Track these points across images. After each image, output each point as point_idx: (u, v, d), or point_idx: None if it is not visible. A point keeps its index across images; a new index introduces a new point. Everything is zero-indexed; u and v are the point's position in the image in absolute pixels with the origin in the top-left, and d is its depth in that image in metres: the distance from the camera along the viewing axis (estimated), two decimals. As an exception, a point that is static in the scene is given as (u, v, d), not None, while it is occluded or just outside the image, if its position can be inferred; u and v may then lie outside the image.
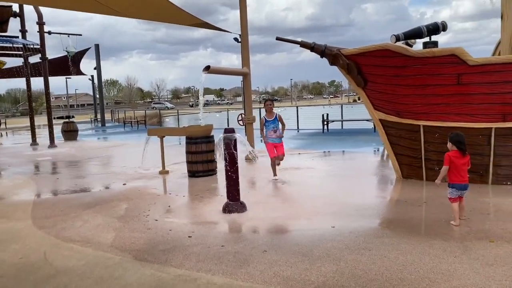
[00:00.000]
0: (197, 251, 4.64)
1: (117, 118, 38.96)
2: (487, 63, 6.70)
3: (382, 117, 8.03)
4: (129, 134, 24.49)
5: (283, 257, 4.32)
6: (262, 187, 8.04)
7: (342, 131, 19.44)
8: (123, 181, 9.16)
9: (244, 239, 4.98)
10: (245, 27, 11.09)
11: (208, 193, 7.67)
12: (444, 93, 7.10)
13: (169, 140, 16.00)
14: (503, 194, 6.57)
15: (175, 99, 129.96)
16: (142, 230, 5.57)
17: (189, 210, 6.55)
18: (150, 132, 10.28)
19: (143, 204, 6.98)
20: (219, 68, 10.39)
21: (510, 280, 3.59)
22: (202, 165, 9.12)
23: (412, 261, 4.09)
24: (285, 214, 5.99)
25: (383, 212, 6.07)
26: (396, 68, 7.26)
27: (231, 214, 6.02)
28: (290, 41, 8.04)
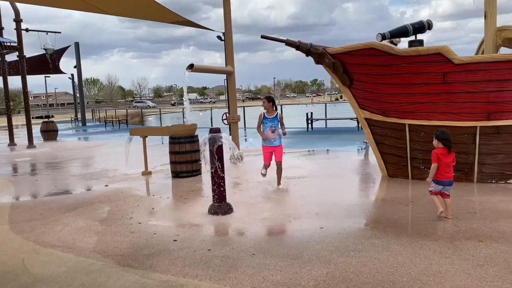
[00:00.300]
0: (183, 255, 4.50)
1: (98, 117, 38.31)
2: (472, 61, 6.71)
3: (367, 116, 8.00)
4: (111, 133, 24.07)
5: (272, 261, 4.22)
6: (248, 187, 7.92)
7: (326, 130, 19.45)
8: (105, 183, 8.93)
9: (231, 242, 4.86)
10: (229, 24, 10.94)
11: (192, 194, 7.52)
12: (429, 92, 7.10)
13: (152, 139, 15.76)
14: (488, 193, 6.59)
15: (157, 98, 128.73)
16: (125, 233, 5.40)
17: (174, 212, 6.39)
18: (132, 132, 10.06)
19: (126, 207, 6.79)
20: (203, 67, 10.22)
21: (502, 281, 3.55)
22: (186, 166, 8.96)
23: (403, 262, 4.03)
24: (272, 215, 5.89)
25: (370, 211, 6.03)
26: (382, 67, 7.23)
27: (217, 216, 5.88)
28: (275, 39, 7.94)
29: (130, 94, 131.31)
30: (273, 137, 7.27)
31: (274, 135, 7.25)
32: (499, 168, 7.04)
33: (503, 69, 6.59)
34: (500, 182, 7.06)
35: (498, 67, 6.59)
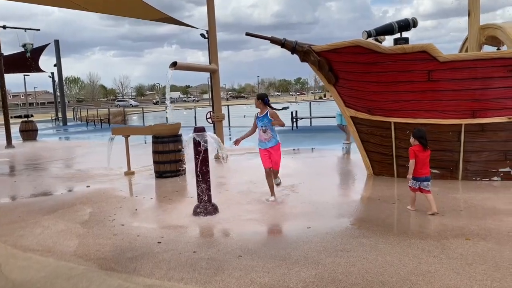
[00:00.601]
0: (167, 258, 4.38)
1: (80, 116, 37.68)
2: (457, 59, 6.73)
3: (353, 114, 7.97)
4: (92, 133, 23.67)
5: (260, 262, 4.13)
6: (233, 187, 7.81)
7: (311, 128, 19.45)
8: (87, 183, 8.72)
9: (217, 243, 4.75)
10: (212, 21, 10.80)
11: (177, 194, 7.38)
12: (414, 90, 7.10)
13: (135, 139, 15.53)
14: (473, 190, 6.62)
15: (140, 97, 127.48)
16: (107, 236, 5.24)
17: (158, 214, 6.25)
18: (115, 131, 9.85)
19: (108, 208, 6.62)
20: (187, 64, 10.07)
21: (491, 280, 3.53)
22: (170, 165, 8.80)
23: (391, 262, 3.98)
24: (259, 215, 5.80)
25: (357, 210, 5.98)
26: (367, 65, 7.20)
27: (202, 217, 5.77)
28: (260, 36, 7.84)
29: (112, 93, 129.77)
30: (265, 137, 6.39)
31: (266, 135, 6.37)
32: (484, 166, 7.08)
33: (488, 67, 6.62)
34: (484, 179, 7.10)
35: (483, 65, 6.62)
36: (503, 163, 6.99)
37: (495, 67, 6.63)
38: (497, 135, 6.90)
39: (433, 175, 7.36)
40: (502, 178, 7.03)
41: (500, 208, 5.61)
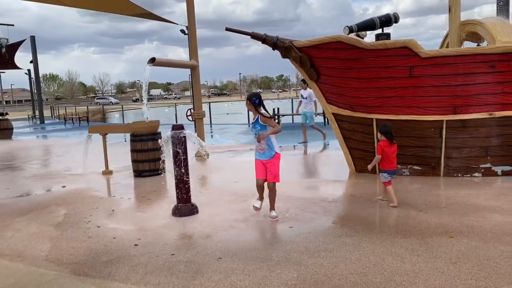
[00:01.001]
0: (144, 262, 4.20)
1: (58, 114, 36.86)
2: (438, 55, 6.69)
3: (335, 111, 7.88)
4: (70, 131, 23.14)
5: (240, 265, 3.99)
6: (214, 186, 7.65)
7: (293, 125, 19.36)
8: (63, 183, 8.44)
9: (196, 245, 4.59)
10: (192, 17, 10.59)
11: (155, 194, 7.18)
12: (396, 86, 7.04)
13: (115, 137, 15.18)
14: (455, 186, 6.60)
15: (120, 94, 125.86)
16: (82, 239, 5.03)
17: (135, 214, 6.04)
18: (92, 130, 9.57)
19: (84, 209, 6.38)
20: (166, 61, 9.84)
21: (476, 279, 3.46)
22: (149, 164, 8.58)
23: (375, 262, 3.89)
24: (239, 215, 5.65)
25: (340, 209, 5.89)
26: (349, 61, 7.11)
27: (181, 218, 5.59)
28: (240, 32, 7.67)
29: (92, 90, 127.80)
30: (259, 148, 5.30)
31: (260, 145, 5.27)
32: (465, 162, 7.07)
33: (469, 63, 6.60)
34: (466, 175, 7.10)
35: (464, 61, 6.60)
36: (484, 159, 7.00)
37: (476, 63, 6.61)
38: (478, 131, 6.90)
39: (415, 171, 7.40)
40: (483, 174, 7.03)
41: (482, 204, 5.58)
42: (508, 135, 6.86)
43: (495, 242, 4.23)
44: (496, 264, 3.72)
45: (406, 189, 6.63)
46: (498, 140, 6.91)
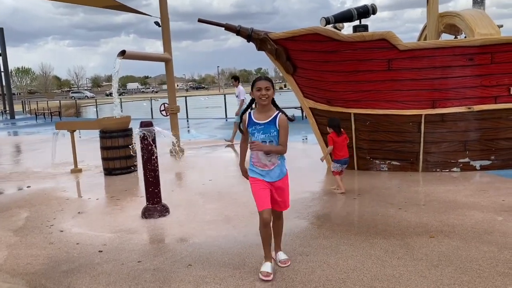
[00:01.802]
0: (108, 270, 3.90)
1: (29, 109, 35.73)
2: (417, 48, 6.53)
3: (312, 105, 7.66)
4: (41, 127, 22.36)
5: (211, 272, 3.72)
6: (187, 185, 7.36)
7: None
8: (28, 183, 8.00)
9: (165, 251, 4.30)
10: (164, 8, 10.20)
11: (126, 194, 6.84)
12: (374, 80, 6.86)
13: (88, 133, 14.68)
14: (434, 182, 6.47)
15: (96, 88, 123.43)
16: (42, 245, 4.68)
17: (103, 217, 5.70)
18: (59, 126, 9.13)
19: (48, 211, 6.01)
20: (137, 53, 9.44)
21: (459, 284, 3.28)
22: (120, 162, 8.21)
23: (354, 266, 3.68)
24: (213, 216, 5.38)
25: (317, 207, 5.67)
26: (326, 54, 6.89)
27: (151, 220, 5.29)
28: (214, 23, 7.35)
29: (66, 84, 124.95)
30: (264, 163, 3.57)
31: (268, 159, 3.56)
32: (444, 157, 6.96)
33: (448, 56, 6.46)
34: (444, 170, 6.99)
35: (442, 54, 6.46)
36: (462, 153, 6.90)
37: (455, 56, 6.48)
38: (457, 125, 6.78)
39: (393, 167, 7.25)
40: (462, 169, 6.93)
41: (461, 201, 5.45)
42: (486, 129, 6.77)
43: (476, 242, 4.08)
44: (479, 267, 3.56)
45: (385, 185, 6.47)
46: (477, 134, 6.81)
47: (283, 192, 3.70)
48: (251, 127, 3.55)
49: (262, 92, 3.45)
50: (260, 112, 3.56)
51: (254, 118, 3.56)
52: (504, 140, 6.83)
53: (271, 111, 3.54)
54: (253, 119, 3.56)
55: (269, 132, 3.50)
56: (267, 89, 3.46)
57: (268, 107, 3.52)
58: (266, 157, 3.56)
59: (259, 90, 3.47)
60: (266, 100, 3.47)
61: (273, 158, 3.58)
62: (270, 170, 3.58)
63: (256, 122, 3.53)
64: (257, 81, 3.53)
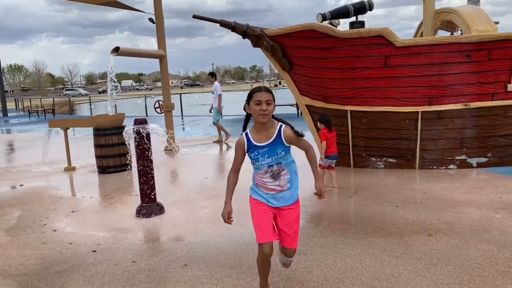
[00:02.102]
0: (102, 271, 3.82)
1: (22, 106, 35.43)
2: (414, 44, 6.49)
3: (308, 103, 7.60)
4: (35, 124, 22.17)
5: (207, 272, 3.66)
6: (182, 183, 7.28)
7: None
8: (21, 181, 7.89)
9: (160, 250, 4.23)
10: (159, 4, 10.09)
11: (120, 192, 6.75)
12: (371, 77, 6.81)
13: (81, 130, 14.54)
14: (431, 179, 6.43)
15: (90, 85, 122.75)
16: (35, 245, 4.59)
17: (96, 216, 5.61)
18: (52, 124, 9.02)
19: (40, 210, 5.92)
20: (130, 50, 9.34)
21: (459, 283, 3.24)
22: (114, 160, 8.11)
23: (352, 266, 3.63)
24: (209, 215, 5.30)
25: (314, 205, 5.61)
26: (323, 50, 6.83)
27: (145, 219, 5.21)
28: (208, 19, 7.28)
29: (60, 81, 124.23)
30: (273, 186, 3.01)
31: (277, 182, 3.00)
32: (440, 154, 6.93)
33: (445, 52, 6.42)
34: (441, 167, 6.96)
35: (439, 50, 6.42)
36: (459, 150, 6.87)
37: (452, 52, 6.44)
38: (453, 122, 6.75)
39: (389, 164, 7.21)
40: (458, 166, 6.91)
41: (458, 198, 5.42)
42: (483, 126, 6.75)
43: (475, 241, 4.04)
44: (479, 266, 3.52)
45: (382, 182, 6.43)
46: (474, 131, 6.79)
47: (292, 223, 3.02)
48: (253, 152, 2.92)
49: (262, 106, 2.80)
50: (259, 132, 2.90)
51: (253, 140, 2.91)
52: (501, 137, 6.81)
53: (272, 128, 2.90)
54: (253, 142, 2.91)
55: (276, 153, 2.90)
56: (268, 103, 2.82)
57: (268, 124, 2.88)
58: (275, 181, 2.96)
59: (259, 104, 2.81)
60: (266, 117, 2.82)
61: (283, 181, 2.98)
62: (278, 195, 2.99)
63: (257, 145, 2.90)
64: (256, 92, 2.87)
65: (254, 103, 2.84)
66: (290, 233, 3.03)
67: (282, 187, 2.99)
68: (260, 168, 2.96)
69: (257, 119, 2.86)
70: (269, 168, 2.93)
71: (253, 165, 3.01)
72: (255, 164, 2.99)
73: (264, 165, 2.92)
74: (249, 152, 2.96)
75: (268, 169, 2.94)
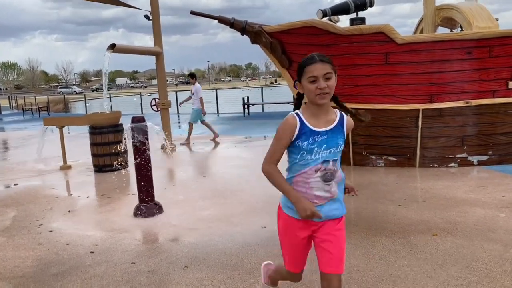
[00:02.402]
0: (100, 273, 3.72)
1: (16, 104, 35.12)
2: (415, 41, 6.42)
3: (307, 101, 7.50)
4: (29, 122, 21.95)
5: (209, 274, 3.57)
6: (180, 182, 7.17)
7: (263, 115, 19.01)
8: (15, 181, 7.76)
9: (159, 251, 4.14)
10: (155, 1, 9.96)
11: (117, 192, 6.64)
12: (372, 74, 6.74)
13: (77, 128, 14.39)
14: (432, 178, 6.37)
15: (84, 83, 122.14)
16: (31, 246, 4.48)
17: (93, 216, 5.51)
18: (47, 122, 8.88)
19: (36, 210, 5.80)
20: (127, 47, 9.21)
21: (467, 284, 3.17)
22: (110, 158, 7.99)
23: (357, 267, 3.56)
24: (208, 214, 5.21)
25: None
26: (323, 47, 6.72)
27: (143, 219, 5.11)
28: (206, 16, 7.17)
29: (54, 79, 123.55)
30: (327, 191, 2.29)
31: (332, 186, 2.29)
32: (441, 152, 6.87)
33: (446, 49, 6.36)
34: (441, 166, 6.90)
35: (441, 47, 6.35)
36: (460, 148, 6.81)
37: (453, 49, 6.38)
38: (454, 120, 6.69)
39: (390, 162, 7.15)
40: (459, 164, 6.85)
41: (461, 197, 5.36)
42: (484, 124, 6.70)
43: (481, 240, 3.98)
44: (486, 266, 3.45)
45: (382, 181, 6.36)
46: (475, 129, 6.73)
47: (339, 240, 2.31)
48: (307, 139, 2.19)
49: (320, 84, 2.13)
50: (316, 116, 2.23)
51: (309, 124, 2.21)
52: (502, 135, 6.76)
53: (330, 111, 2.26)
54: (309, 126, 2.20)
55: (337, 144, 2.23)
56: (327, 78, 2.15)
57: (327, 106, 2.23)
58: (326, 184, 2.24)
59: (314, 82, 2.15)
60: (326, 96, 2.16)
61: (335, 186, 2.27)
62: (323, 205, 2.27)
63: (315, 130, 2.20)
64: (308, 65, 2.17)
65: (308, 80, 2.18)
66: (336, 252, 2.30)
67: (333, 194, 2.28)
68: (308, 164, 2.22)
69: (313, 100, 2.19)
70: (323, 165, 2.22)
71: (296, 161, 2.27)
72: (302, 159, 2.24)
73: (317, 159, 2.21)
74: (300, 139, 2.21)
75: (321, 166, 2.21)
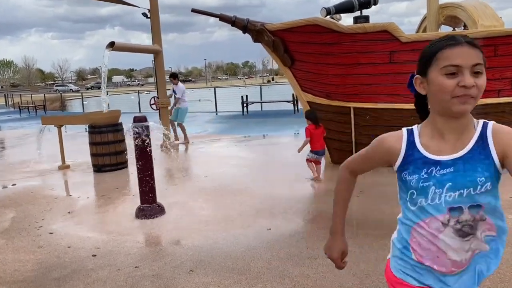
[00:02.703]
0: (103, 277, 3.63)
1: (13, 102, 34.87)
2: (419, 40, 6.33)
3: (310, 99, 7.42)
4: (26, 121, 21.78)
5: (215, 278, 3.48)
6: (181, 182, 7.07)
7: (262, 113, 18.91)
8: (13, 181, 7.64)
9: (164, 254, 4.05)
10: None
11: (117, 192, 6.54)
12: (375, 73, 6.65)
13: (75, 127, 14.24)
14: (436, 178, 6.31)
15: (81, 81, 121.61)
16: (31, 249, 4.38)
17: (94, 217, 5.41)
18: (45, 121, 8.75)
19: (35, 211, 5.70)
20: (126, 45, 9.10)
21: (481, 289, 3.10)
22: (110, 158, 7.88)
23: (366, 271, 3.47)
24: (212, 216, 5.12)
25: (319, 206, 5.46)
26: (326, 46, 6.66)
27: (146, 220, 5.01)
28: (208, 13, 7.07)
29: (50, 77, 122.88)
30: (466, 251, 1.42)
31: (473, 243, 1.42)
32: (445, 152, 6.80)
33: (451, 48, 6.27)
34: (446, 166, 6.83)
35: (446, 46, 6.26)
36: (464, 148, 6.74)
37: (459, 48, 6.29)
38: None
39: (394, 162, 7.08)
40: (463, 164, 6.78)
41: (468, 198, 5.29)
42: (489, 123, 6.62)
43: (491, 243, 3.90)
44: (499, 270, 3.36)
45: (387, 181, 6.24)
46: (479, 129, 6.66)
47: None
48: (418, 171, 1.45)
49: (465, 78, 1.34)
50: (441, 134, 1.45)
51: (425, 148, 1.46)
52: (507, 135, 6.69)
53: (469, 128, 1.44)
54: (422, 151, 1.46)
55: (473, 181, 1.39)
56: (475, 72, 1.35)
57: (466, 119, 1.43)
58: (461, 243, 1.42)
59: (455, 73, 1.35)
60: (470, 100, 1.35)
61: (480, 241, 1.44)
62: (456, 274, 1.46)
63: (433, 159, 1.43)
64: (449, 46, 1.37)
65: (442, 71, 1.37)
66: None
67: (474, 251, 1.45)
68: (428, 211, 1.44)
69: (445, 106, 1.38)
70: (452, 214, 1.40)
71: (409, 203, 1.51)
72: (415, 201, 1.47)
73: (440, 205, 1.41)
74: (407, 171, 1.48)
75: (449, 215, 1.41)
